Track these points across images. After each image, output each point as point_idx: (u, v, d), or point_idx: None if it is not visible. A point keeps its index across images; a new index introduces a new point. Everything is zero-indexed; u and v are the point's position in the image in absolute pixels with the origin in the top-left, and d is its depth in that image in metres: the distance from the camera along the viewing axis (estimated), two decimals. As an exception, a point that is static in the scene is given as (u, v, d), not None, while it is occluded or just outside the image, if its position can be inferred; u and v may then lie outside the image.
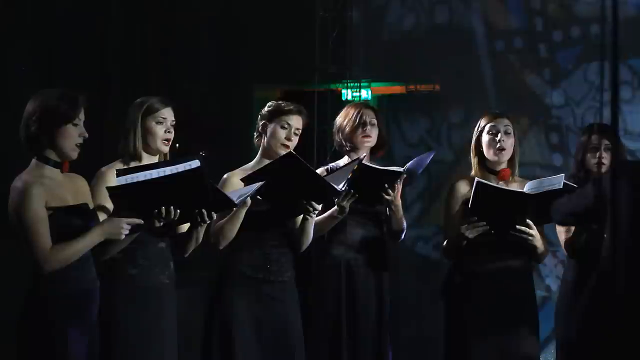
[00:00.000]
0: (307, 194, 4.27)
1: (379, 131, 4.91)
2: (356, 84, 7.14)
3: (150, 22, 7.32)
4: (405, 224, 4.85)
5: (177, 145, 4.26)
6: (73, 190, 3.84)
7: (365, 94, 7.24)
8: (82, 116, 3.79)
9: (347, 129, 4.88)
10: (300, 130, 4.52)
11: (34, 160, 3.78)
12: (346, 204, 4.56)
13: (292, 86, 7.16)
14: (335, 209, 4.60)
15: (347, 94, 7.12)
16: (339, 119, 4.96)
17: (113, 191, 3.75)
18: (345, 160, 4.91)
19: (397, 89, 7.38)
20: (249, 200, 4.16)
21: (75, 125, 3.76)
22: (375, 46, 7.29)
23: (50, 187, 3.73)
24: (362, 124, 4.85)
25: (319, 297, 4.82)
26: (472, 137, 4.75)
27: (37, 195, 3.67)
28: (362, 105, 5.03)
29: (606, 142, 4.81)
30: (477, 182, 4.39)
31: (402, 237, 4.90)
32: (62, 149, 3.76)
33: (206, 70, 7.36)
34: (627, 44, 6.13)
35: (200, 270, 4.59)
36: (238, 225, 4.31)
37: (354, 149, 4.89)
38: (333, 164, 4.97)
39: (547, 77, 6.78)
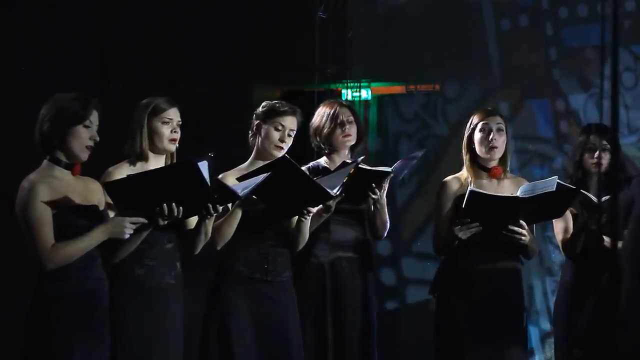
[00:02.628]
0: (301, 196, 4.27)
1: (356, 127, 4.86)
2: (356, 84, 7.14)
3: (150, 22, 7.32)
4: (388, 222, 4.83)
5: (177, 145, 4.27)
6: (83, 192, 3.87)
7: (365, 94, 7.24)
8: (94, 119, 3.85)
9: (326, 130, 4.82)
10: (295, 131, 4.50)
11: (45, 161, 3.84)
12: (332, 203, 4.53)
13: (292, 86, 7.16)
14: (321, 208, 4.57)
15: (347, 94, 7.12)
16: (315, 121, 4.88)
17: (108, 188, 3.77)
18: (324, 160, 4.88)
19: (397, 89, 7.38)
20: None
21: (87, 127, 3.82)
22: (370, 22, 7.22)
23: (57, 187, 3.78)
24: (341, 124, 4.80)
25: (304, 297, 4.79)
26: (464, 128, 4.75)
27: (42, 194, 3.72)
28: (336, 103, 4.93)
29: (604, 142, 4.82)
30: (470, 191, 4.38)
31: (385, 234, 4.88)
32: (71, 150, 3.80)
33: (206, 70, 7.36)
34: (629, 30, 6.14)
35: (201, 271, 4.59)
36: (235, 224, 4.31)
37: (334, 150, 4.85)
38: (313, 162, 4.90)
39: (553, 56, 6.75)
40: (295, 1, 7.27)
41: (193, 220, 4.19)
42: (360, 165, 4.46)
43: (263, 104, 4.56)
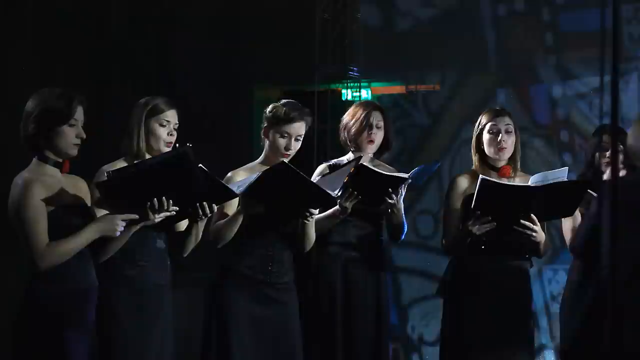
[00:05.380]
0: (303, 200, 4.27)
1: (385, 133, 4.89)
2: (356, 84, 7.14)
3: (150, 22, 7.32)
4: (406, 226, 4.84)
5: (177, 145, 4.26)
6: (73, 190, 3.85)
7: (365, 94, 7.23)
8: (79, 117, 3.79)
9: (353, 130, 4.85)
10: (303, 135, 4.48)
11: (35, 159, 3.80)
12: (349, 205, 4.56)
13: (292, 86, 7.15)
14: (338, 209, 4.59)
15: (347, 94, 7.11)
16: (346, 117, 4.92)
17: (102, 187, 3.75)
18: (349, 156, 4.89)
19: (397, 89, 7.37)
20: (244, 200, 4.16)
21: (72, 125, 3.76)
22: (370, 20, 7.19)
23: (50, 185, 3.75)
24: (369, 127, 4.82)
25: (316, 296, 4.80)
26: (472, 132, 4.76)
27: (37, 192, 3.69)
28: (371, 106, 4.95)
29: (617, 143, 4.81)
30: (482, 179, 4.37)
31: (402, 237, 4.90)
32: (59, 149, 3.77)
33: (206, 70, 7.35)
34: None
35: (197, 272, 4.59)
36: (236, 228, 4.30)
37: (358, 149, 4.87)
38: (336, 160, 4.94)
39: (549, 42, 6.74)
40: (295, 1, 7.27)
41: (184, 222, 4.18)
42: (366, 165, 4.49)
43: (270, 107, 4.50)
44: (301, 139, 4.48)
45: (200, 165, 3.84)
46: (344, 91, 7.15)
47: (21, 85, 6.28)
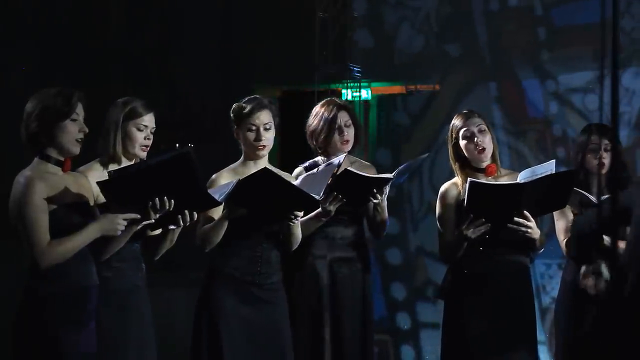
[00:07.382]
0: (287, 203, 4.27)
1: (354, 128, 4.83)
2: (356, 84, 7.13)
3: (150, 22, 7.32)
4: (387, 222, 4.83)
5: (177, 145, 4.25)
6: (75, 188, 3.85)
7: (366, 94, 7.23)
8: (80, 112, 3.81)
9: (323, 136, 4.77)
10: (272, 123, 4.42)
11: (36, 159, 3.80)
12: (333, 208, 4.55)
13: (292, 86, 7.16)
14: (320, 211, 4.57)
15: (347, 94, 7.11)
16: (312, 123, 4.82)
17: (105, 185, 3.75)
18: (321, 159, 4.83)
19: (397, 89, 7.37)
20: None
21: (74, 120, 3.78)
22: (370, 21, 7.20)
23: (52, 184, 3.76)
24: (339, 129, 4.77)
25: (300, 297, 4.80)
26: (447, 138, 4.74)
27: (39, 190, 3.70)
28: (334, 106, 4.83)
29: (606, 142, 4.80)
30: (471, 182, 4.36)
31: (384, 234, 4.89)
32: (62, 145, 3.77)
33: (206, 70, 7.36)
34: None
35: (196, 271, 4.59)
36: (222, 232, 4.27)
37: (327, 154, 4.79)
38: (311, 161, 4.86)
39: (542, 36, 6.73)
40: (295, 1, 7.27)
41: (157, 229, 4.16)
42: (351, 170, 4.47)
43: (232, 109, 4.49)
44: (271, 128, 4.42)
45: None
46: (344, 91, 7.14)
47: (21, 85, 6.29)
